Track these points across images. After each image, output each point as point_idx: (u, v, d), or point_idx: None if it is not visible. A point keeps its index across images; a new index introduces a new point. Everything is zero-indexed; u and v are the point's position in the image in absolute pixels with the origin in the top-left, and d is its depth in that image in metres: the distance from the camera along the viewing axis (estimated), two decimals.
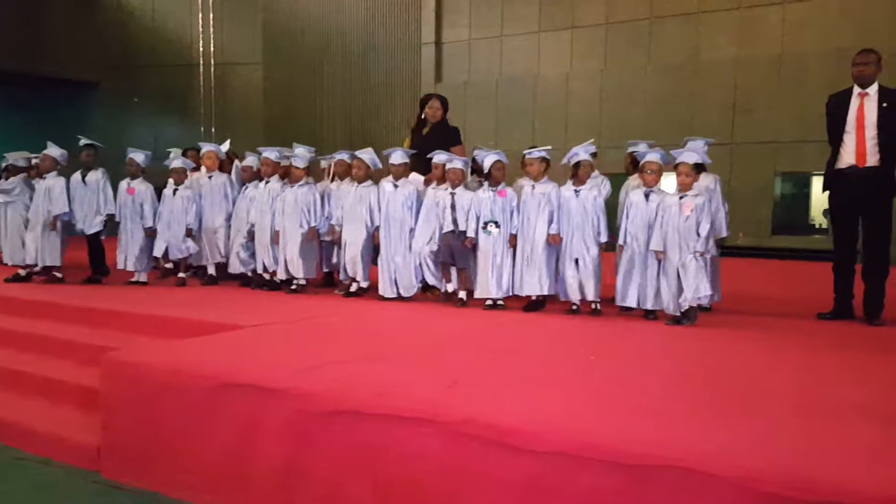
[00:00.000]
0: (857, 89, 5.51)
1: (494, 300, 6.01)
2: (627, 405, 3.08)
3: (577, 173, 5.88)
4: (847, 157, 5.49)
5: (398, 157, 6.53)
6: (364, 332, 4.96)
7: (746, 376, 3.79)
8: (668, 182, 5.61)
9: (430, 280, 6.42)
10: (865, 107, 5.43)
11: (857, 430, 2.79)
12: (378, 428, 3.04)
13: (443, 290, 6.43)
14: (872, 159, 5.41)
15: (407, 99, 16.79)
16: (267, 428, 3.34)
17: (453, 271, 6.35)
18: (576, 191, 5.85)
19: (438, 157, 6.42)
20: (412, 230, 6.41)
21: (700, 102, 13.73)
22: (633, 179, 6.09)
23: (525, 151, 6.13)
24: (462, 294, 6.19)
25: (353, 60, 17.79)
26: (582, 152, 5.86)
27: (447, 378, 3.46)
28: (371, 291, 6.71)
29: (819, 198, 12.69)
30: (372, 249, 6.68)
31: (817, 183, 12.32)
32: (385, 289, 6.45)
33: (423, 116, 7.13)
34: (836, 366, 4.09)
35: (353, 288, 6.68)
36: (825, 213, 11.88)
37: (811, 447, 2.58)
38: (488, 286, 5.99)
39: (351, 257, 6.64)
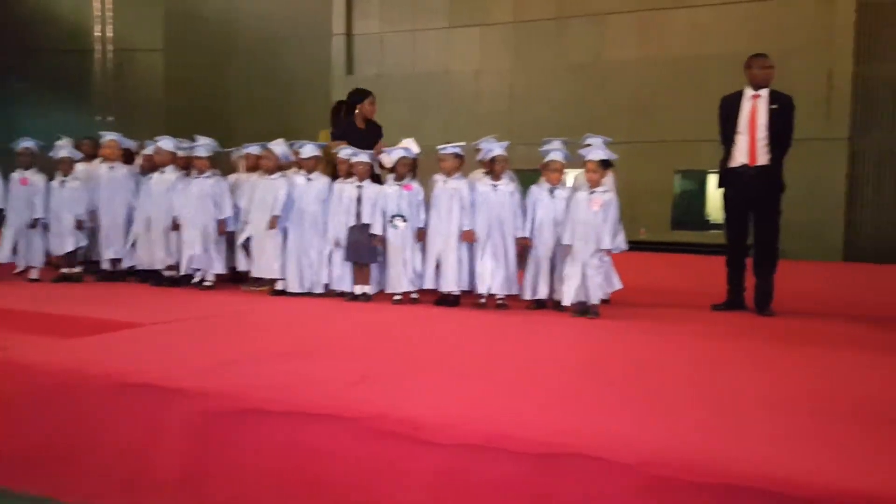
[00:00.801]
0: (749, 91, 5.80)
1: (404, 294, 6.01)
2: (535, 396, 3.15)
3: (494, 168, 5.94)
4: (739, 157, 5.78)
5: (308, 150, 6.42)
6: (270, 328, 4.87)
7: (647, 366, 3.94)
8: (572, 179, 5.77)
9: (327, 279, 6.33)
10: (757, 108, 5.73)
11: (750, 416, 2.94)
12: (285, 426, 2.98)
13: (349, 291, 6.34)
14: (763, 159, 5.71)
15: (318, 90, 16.55)
16: (169, 429, 3.22)
17: (373, 269, 6.28)
18: (493, 185, 5.92)
19: (344, 151, 6.36)
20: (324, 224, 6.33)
21: (606, 101, 14.16)
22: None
23: (438, 147, 6.16)
24: (367, 289, 6.16)
25: (261, 50, 17.40)
26: (498, 147, 5.94)
27: (356, 373, 3.44)
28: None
29: (715, 194, 13.32)
30: (279, 244, 6.55)
31: (713, 180, 12.94)
32: (292, 284, 6.34)
33: (356, 111, 6.97)
34: (731, 355, 4.30)
35: (256, 283, 6.52)
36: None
37: (707, 432, 2.71)
38: (397, 281, 5.99)
39: (258, 251, 6.49)
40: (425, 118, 15.44)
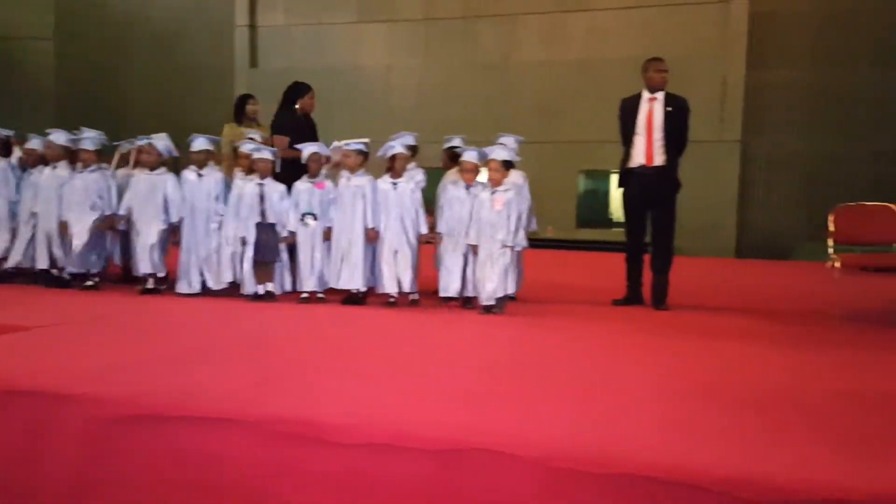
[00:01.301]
0: (646, 94, 6.01)
1: (310, 293, 5.93)
2: (440, 393, 3.16)
3: (394, 166, 5.93)
4: (638, 157, 5.98)
5: (199, 144, 6.20)
6: (166, 330, 4.69)
7: (550, 361, 4.03)
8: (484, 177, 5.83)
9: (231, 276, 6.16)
10: (654, 111, 5.94)
11: (648, 407, 3.05)
12: (182, 432, 2.88)
13: (253, 292, 6.17)
14: (659, 159, 5.93)
15: (219, 83, 16.09)
16: (57, 437, 3.06)
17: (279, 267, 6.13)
18: (393, 183, 5.90)
19: (246, 146, 6.19)
20: (221, 222, 6.13)
21: (514, 101, 14.38)
22: (452, 174, 6.25)
23: (343, 143, 6.09)
24: (271, 287, 6.03)
25: (161, 40, 16.75)
26: (398, 145, 5.92)
27: (257, 375, 3.37)
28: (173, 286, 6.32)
29: (617, 194, 13.75)
30: (166, 241, 6.30)
31: (615, 180, 13.36)
32: (187, 284, 6.13)
33: (297, 106, 6.75)
34: (629, 348, 4.45)
35: (150, 284, 6.26)
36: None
37: (607, 424, 2.79)
38: (305, 280, 5.90)
39: (143, 249, 6.22)
40: (333, 114, 15.19)
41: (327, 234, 5.92)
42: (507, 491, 2.45)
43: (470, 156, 5.83)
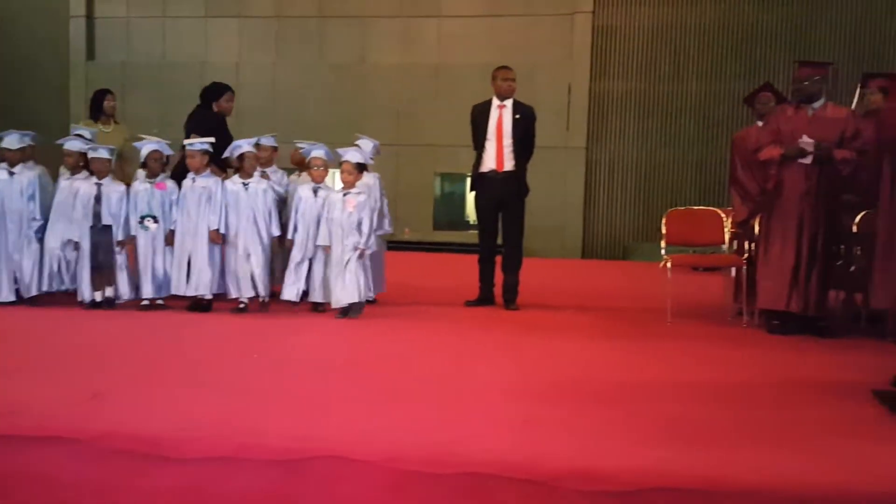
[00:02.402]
0: (496, 101, 6.18)
1: (151, 300, 5.61)
2: (282, 401, 3.10)
3: (243, 166, 5.73)
4: (489, 162, 6.14)
5: (12, 141, 5.71)
6: None
7: (401, 362, 4.05)
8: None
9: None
10: (503, 117, 6.13)
11: (496, 404, 3.13)
12: (5, 452, 2.64)
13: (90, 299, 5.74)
14: (509, 164, 6.13)
15: (53, 77, 14.91)
16: None
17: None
18: (244, 184, 5.70)
19: (71, 143, 5.78)
20: (41, 223, 5.68)
21: (368, 103, 14.34)
22: (302, 176, 6.16)
23: (185, 142, 5.82)
24: (109, 292, 5.66)
25: None
26: (245, 144, 5.73)
27: (88, 390, 3.15)
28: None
29: (471, 197, 14.06)
30: None
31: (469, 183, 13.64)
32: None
33: (213, 108, 6.34)
34: (479, 347, 4.56)
35: None
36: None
37: (455, 424, 2.83)
38: (145, 285, 5.58)
39: None
40: (179, 111, 14.46)
41: (170, 238, 5.62)
42: (354, 496, 2.42)
43: (318, 153, 5.74)
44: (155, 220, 5.59)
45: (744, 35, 13.61)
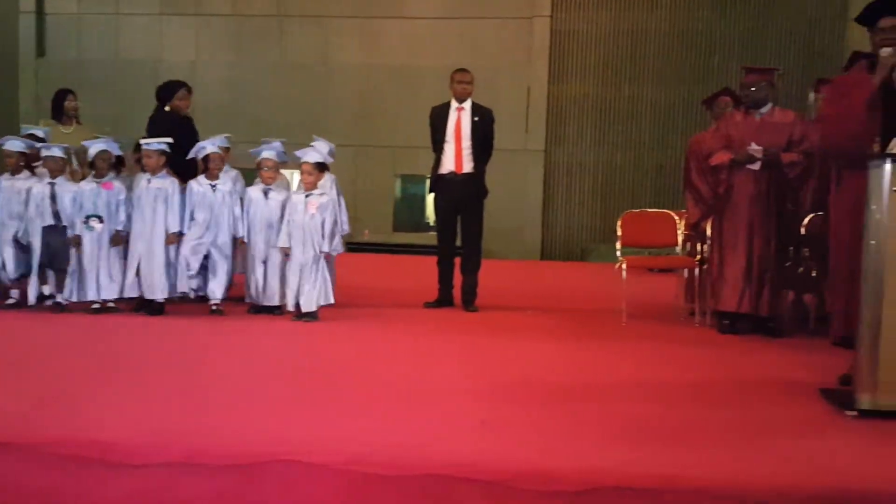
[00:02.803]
0: (455, 103, 6.20)
1: (102, 303, 5.50)
2: (239, 405, 3.06)
3: (209, 167, 5.65)
4: (448, 164, 6.16)
5: None
6: None
7: (358, 366, 4.04)
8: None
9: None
10: (461, 120, 6.15)
11: (457, 406, 3.14)
12: None
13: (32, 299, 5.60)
14: (468, 166, 6.15)
15: (2, 74, 14.48)
16: None
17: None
18: (212, 185, 5.62)
19: (11, 143, 5.65)
20: None
21: (329, 103, 14.24)
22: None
23: (142, 142, 5.71)
24: (60, 298, 5.53)
25: None
26: (209, 145, 5.65)
27: (33, 396, 3.07)
28: None
29: (432, 199, 14.07)
30: None
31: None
32: None
33: (167, 108, 6.19)
34: (438, 349, 4.57)
35: None
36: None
37: (415, 426, 2.84)
38: (93, 288, 5.46)
39: None
40: (134, 110, 14.09)
41: (117, 239, 5.50)
42: (313, 501, 2.41)
43: (269, 154, 5.68)
44: (100, 219, 5.47)
45: (700, 40, 13.87)
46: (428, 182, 6.79)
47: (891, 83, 3.68)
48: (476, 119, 6.15)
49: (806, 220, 5.27)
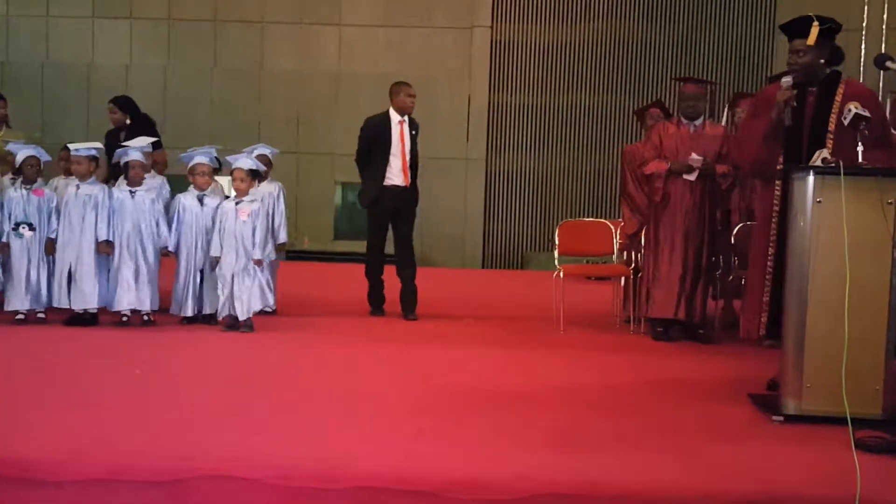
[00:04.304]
0: (397, 116, 6.16)
1: (28, 313, 5.29)
2: (165, 420, 2.98)
3: (129, 173, 5.49)
4: (394, 178, 6.11)
5: None
6: None
7: (294, 376, 3.98)
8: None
9: None
10: (404, 133, 6.15)
11: (388, 416, 3.12)
12: None
13: None
14: (409, 178, 6.16)
15: None
16: None
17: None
18: (131, 192, 5.46)
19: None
20: None
21: (266, 110, 14.06)
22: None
23: (70, 146, 5.53)
24: None
25: None
26: (132, 152, 5.50)
27: None
28: None
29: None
30: None
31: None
32: None
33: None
34: (374, 359, 4.53)
35: None
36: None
37: (346, 437, 2.81)
38: (19, 298, 5.25)
39: None
40: (64, 114, 13.73)
41: (49, 247, 5.31)
42: None
43: (201, 159, 5.57)
44: (31, 227, 5.27)
45: (634, 51, 14.20)
46: (359, 194, 6.70)
47: (781, 122, 3.83)
48: (413, 133, 6.18)
49: (735, 230, 5.45)
